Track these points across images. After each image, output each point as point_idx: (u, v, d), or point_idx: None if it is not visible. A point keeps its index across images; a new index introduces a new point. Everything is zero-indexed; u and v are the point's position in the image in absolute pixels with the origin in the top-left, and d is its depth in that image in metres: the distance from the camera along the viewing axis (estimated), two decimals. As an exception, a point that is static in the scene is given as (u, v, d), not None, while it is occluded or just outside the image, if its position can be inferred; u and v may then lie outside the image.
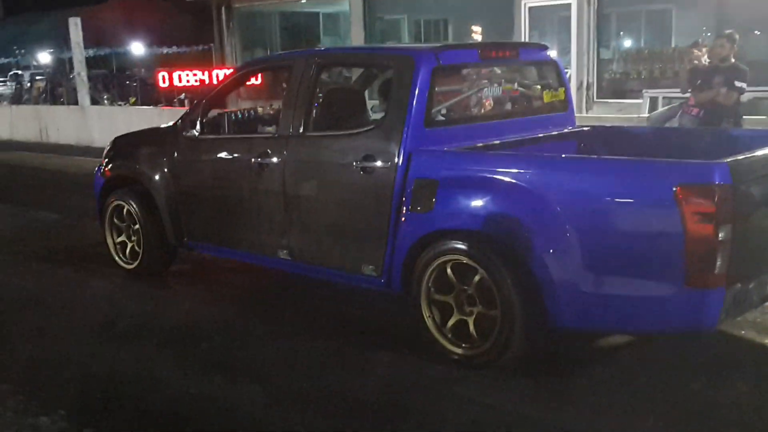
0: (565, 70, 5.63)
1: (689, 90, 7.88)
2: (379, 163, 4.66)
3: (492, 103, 5.32)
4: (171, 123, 6.10)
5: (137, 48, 29.96)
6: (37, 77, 29.98)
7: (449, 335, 4.42)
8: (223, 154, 5.66)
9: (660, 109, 10.22)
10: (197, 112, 5.86)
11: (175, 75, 18.29)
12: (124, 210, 6.29)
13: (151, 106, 18.55)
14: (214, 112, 5.95)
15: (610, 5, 14.64)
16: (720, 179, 3.55)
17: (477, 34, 15.22)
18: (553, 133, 5.37)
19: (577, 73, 14.09)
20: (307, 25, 23.19)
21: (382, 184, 4.64)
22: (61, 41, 22.82)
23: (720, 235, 3.54)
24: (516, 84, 5.39)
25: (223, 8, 21.13)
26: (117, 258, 6.48)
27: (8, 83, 31.62)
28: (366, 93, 5.98)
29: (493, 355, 4.23)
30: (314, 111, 5.18)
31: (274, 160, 5.20)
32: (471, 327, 4.33)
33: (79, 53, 17.59)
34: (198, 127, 5.79)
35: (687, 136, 6.00)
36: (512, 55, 5.27)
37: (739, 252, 3.67)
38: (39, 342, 5.03)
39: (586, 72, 14.35)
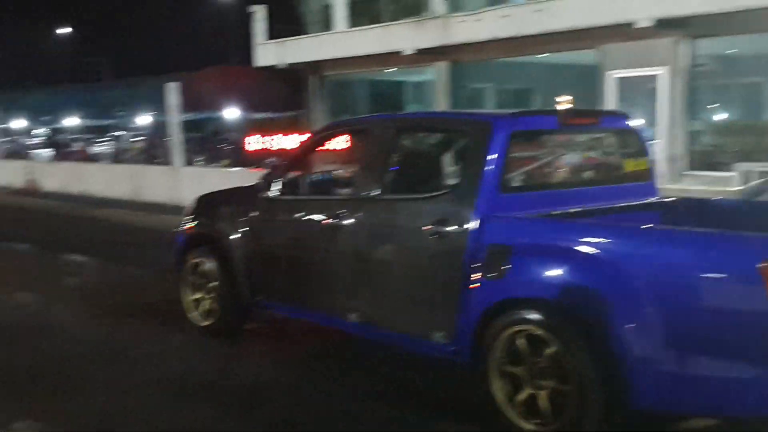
0: (649, 140, 5.45)
1: None
2: (451, 228, 4.59)
3: (570, 170, 5.19)
4: (251, 183, 6.21)
5: (231, 113, 31.14)
6: (136, 138, 31.49)
7: (519, 410, 4.22)
8: (298, 215, 5.70)
9: (753, 182, 9.82)
10: (276, 173, 5.95)
11: (265, 139, 18.88)
12: (202, 267, 6.39)
13: (241, 169, 19.08)
14: (292, 174, 6.03)
15: (700, 77, 14.37)
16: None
17: (563, 104, 15.12)
18: (634, 203, 5.19)
19: (666, 144, 13.78)
20: (394, 94, 23.64)
21: (455, 249, 4.55)
22: (160, 105, 23.90)
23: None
24: (596, 152, 5.25)
25: (314, 76, 21.80)
26: (192, 315, 6.55)
27: (109, 143, 33.29)
28: (443, 159, 5.96)
29: (566, 433, 4.01)
30: (390, 174, 5.17)
31: (348, 221, 5.19)
32: (542, 402, 4.13)
33: (175, 117, 18.36)
34: (276, 187, 5.88)
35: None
36: (592, 122, 5.16)
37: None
38: (109, 395, 5.09)
39: (676, 144, 14.02)
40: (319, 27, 22.09)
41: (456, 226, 4.56)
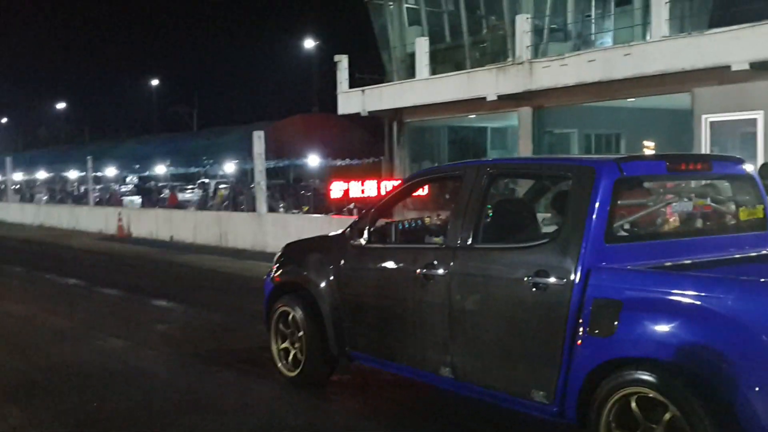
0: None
1: None
2: (553, 280, 4.33)
3: (680, 218, 4.88)
4: (340, 231, 6.11)
5: (313, 160, 31.60)
6: (221, 185, 32.24)
7: (632, 478, 3.89)
8: (388, 264, 5.54)
9: None
10: (365, 221, 5.83)
11: (346, 185, 18.98)
12: (290, 316, 6.29)
13: (323, 215, 19.20)
14: (381, 222, 5.90)
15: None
16: None
17: (649, 149, 14.64)
18: (751, 253, 4.82)
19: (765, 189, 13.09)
20: (475, 139, 23.51)
21: (557, 303, 4.29)
22: (245, 153, 24.43)
23: None
24: (708, 199, 4.93)
25: (395, 123, 21.90)
26: (279, 364, 6.43)
27: (195, 190, 34.16)
28: (538, 206, 5.74)
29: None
30: (484, 222, 4.97)
31: (440, 271, 5.00)
32: (658, 472, 3.79)
33: (260, 164, 18.65)
34: (365, 235, 5.75)
35: None
36: (704, 168, 4.85)
37: None
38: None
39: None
40: (402, 74, 22.25)
41: (558, 278, 4.31)
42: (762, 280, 4.22)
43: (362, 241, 5.77)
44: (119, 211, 25.64)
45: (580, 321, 4.16)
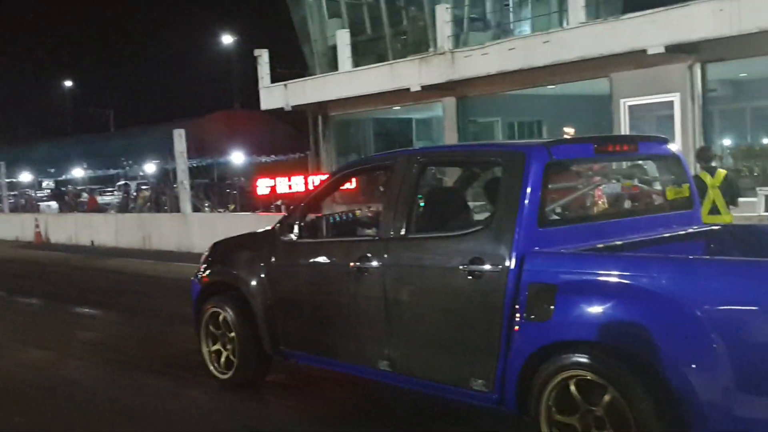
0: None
1: None
2: (488, 267, 4.29)
3: (609, 200, 4.91)
4: (269, 227, 5.94)
5: (237, 157, 31.06)
6: (143, 187, 31.37)
7: (574, 463, 3.88)
8: (321, 258, 5.42)
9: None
10: (295, 216, 5.68)
11: (272, 182, 18.69)
12: (220, 317, 6.09)
13: (250, 213, 18.87)
14: (312, 216, 5.76)
15: (714, 102, 14.16)
16: None
17: (570, 135, 14.81)
18: (679, 232, 4.90)
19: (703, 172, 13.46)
20: (401, 131, 23.49)
21: (492, 290, 4.25)
22: (166, 152, 23.82)
23: None
24: (636, 180, 4.97)
25: (320, 117, 21.70)
26: (211, 367, 6.23)
27: (116, 193, 33.18)
28: (470, 193, 5.69)
29: (629, 489, 3.66)
30: (416, 212, 4.90)
31: (374, 263, 4.90)
32: (600, 455, 3.79)
33: (182, 163, 18.20)
34: (296, 230, 5.60)
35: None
36: (630, 149, 4.88)
37: None
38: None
39: (693, 170, 13.71)
40: (325, 68, 22.04)
41: (493, 265, 4.27)
42: (691, 257, 4.29)
43: (293, 237, 5.61)
44: (35, 217, 24.68)
45: (517, 307, 4.13)
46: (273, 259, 5.73)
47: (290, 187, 19.14)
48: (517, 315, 4.12)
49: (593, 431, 3.82)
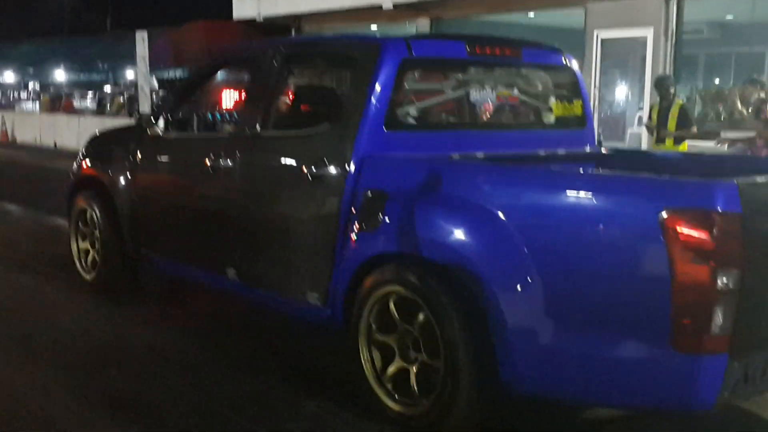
0: (584, 82, 4.67)
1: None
2: (330, 170, 3.86)
3: (481, 110, 4.43)
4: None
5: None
6: (119, 93, 30.69)
7: (388, 386, 3.53)
8: (178, 155, 4.99)
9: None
10: (163, 108, 5.22)
11: (237, 94, 18.08)
12: (88, 214, 5.68)
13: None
14: (183, 110, 5.29)
15: (699, 45, 13.55)
16: (724, 204, 2.58)
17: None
18: (560, 152, 4.45)
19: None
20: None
21: (332, 195, 3.83)
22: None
23: (720, 282, 2.57)
24: (515, 90, 4.47)
25: (293, 31, 20.95)
26: (79, 266, 5.86)
27: (91, 98, 32.51)
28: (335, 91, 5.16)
29: (435, 418, 3.32)
30: (275, 108, 4.44)
31: (226, 163, 4.46)
32: (412, 378, 3.44)
33: (143, 67, 17.62)
34: (161, 125, 5.13)
35: (728, 161, 4.84)
36: (512, 54, 4.37)
37: (756, 309, 2.69)
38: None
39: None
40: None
41: (335, 168, 3.83)
42: (512, 164, 3.84)
43: (158, 131, 5.16)
44: (2, 115, 24.12)
45: (353, 214, 3.72)
46: (137, 154, 5.29)
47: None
48: (352, 224, 3.71)
49: (410, 353, 3.46)
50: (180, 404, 3.71)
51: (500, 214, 3.10)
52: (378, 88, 3.78)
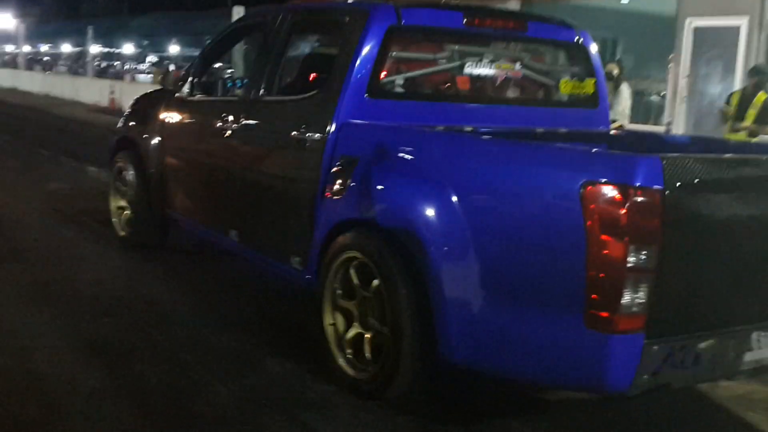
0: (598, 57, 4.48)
1: None
2: (313, 135, 3.90)
3: (479, 83, 4.32)
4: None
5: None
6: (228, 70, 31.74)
7: (347, 350, 3.55)
8: (194, 119, 5.17)
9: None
10: (189, 72, 5.38)
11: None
12: (123, 174, 5.94)
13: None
14: (207, 74, 5.44)
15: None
16: (644, 179, 2.44)
17: (614, 71, 12.85)
18: (562, 130, 4.31)
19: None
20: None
21: (313, 160, 3.87)
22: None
23: (634, 259, 2.44)
24: (518, 64, 4.34)
25: None
26: (114, 221, 6.14)
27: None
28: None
29: (379, 384, 3.32)
30: (279, 73, 4.50)
31: (234, 126, 4.57)
32: (366, 344, 3.45)
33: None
34: (186, 88, 5.31)
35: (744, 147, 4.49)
36: (516, 27, 4.24)
37: (683, 290, 2.55)
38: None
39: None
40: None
41: (317, 133, 3.87)
42: (470, 132, 3.75)
43: (184, 94, 5.33)
44: (111, 83, 25.36)
45: (328, 180, 3.75)
46: (165, 117, 5.48)
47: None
48: (328, 189, 3.74)
49: (369, 320, 3.46)
50: (154, 355, 3.86)
51: (446, 183, 3.06)
52: (362, 54, 3.78)
